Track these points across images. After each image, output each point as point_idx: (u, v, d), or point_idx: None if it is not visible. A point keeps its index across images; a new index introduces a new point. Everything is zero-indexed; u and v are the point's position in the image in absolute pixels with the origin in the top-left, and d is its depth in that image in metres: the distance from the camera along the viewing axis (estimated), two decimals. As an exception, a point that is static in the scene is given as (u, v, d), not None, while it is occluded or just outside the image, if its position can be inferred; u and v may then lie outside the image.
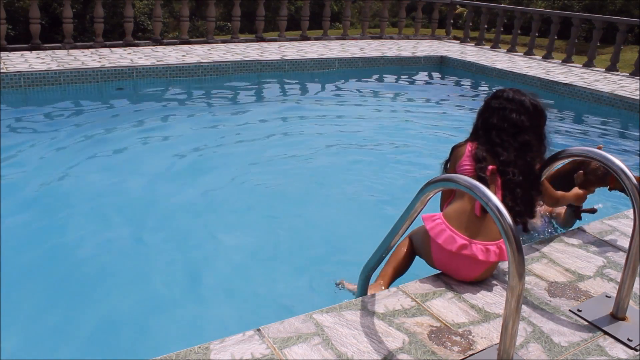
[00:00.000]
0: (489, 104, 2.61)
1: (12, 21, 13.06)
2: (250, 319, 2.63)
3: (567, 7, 17.33)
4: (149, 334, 2.66)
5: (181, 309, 2.85)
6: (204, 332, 2.55)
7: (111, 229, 3.61)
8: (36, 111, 6.03)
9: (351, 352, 1.94)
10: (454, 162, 2.57)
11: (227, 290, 3.04)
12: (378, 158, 5.18)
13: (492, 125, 2.53)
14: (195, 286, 3.06)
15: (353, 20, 19.65)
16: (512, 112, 2.52)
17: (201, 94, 7.29)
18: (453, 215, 2.43)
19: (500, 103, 2.56)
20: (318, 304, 2.30)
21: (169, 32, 18.27)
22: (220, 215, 3.91)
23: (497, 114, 2.54)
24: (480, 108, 2.67)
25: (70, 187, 4.21)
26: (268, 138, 5.64)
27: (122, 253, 3.35)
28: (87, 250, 3.35)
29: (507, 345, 1.82)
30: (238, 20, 9.88)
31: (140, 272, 3.15)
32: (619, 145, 6.02)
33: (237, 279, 3.14)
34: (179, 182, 4.37)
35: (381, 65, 9.25)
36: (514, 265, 1.71)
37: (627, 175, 2.13)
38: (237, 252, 3.43)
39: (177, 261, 3.28)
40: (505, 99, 2.56)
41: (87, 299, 2.88)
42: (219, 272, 3.20)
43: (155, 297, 2.94)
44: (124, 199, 4.04)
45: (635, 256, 2.14)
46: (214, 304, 2.91)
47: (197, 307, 2.87)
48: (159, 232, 3.62)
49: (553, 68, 9.21)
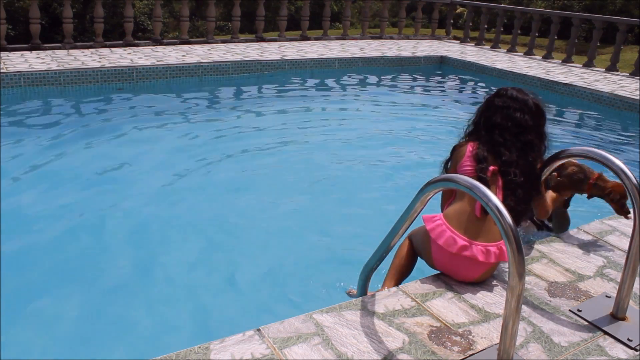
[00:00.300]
0: (491, 102, 2.58)
1: (12, 21, 13.05)
2: (250, 319, 2.63)
3: (567, 7, 17.33)
4: (149, 333, 2.66)
5: (181, 309, 2.85)
6: (204, 332, 2.55)
7: (111, 230, 3.61)
8: (36, 111, 6.04)
9: (351, 352, 1.94)
10: (454, 163, 2.55)
11: (227, 290, 3.04)
12: (378, 158, 5.18)
13: (495, 124, 2.51)
14: (195, 286, 3.05)
15: (353, 20, 19.64)
16: (516, 111, 2.49)
17: (201, 93, 7.29)
18: (453, 216, 2.42)
19: (504, 102, 2.53)
20: (318, 304, 2.30)
21: (169, 32, 18.27)
22: (220, 215, 3.91)
23: (501, 112, 2.51)
24: (481, 106, 2.64)
25: (70, 187, 4.21)
26: (268, 138, 5.64)
27: (122, 253, 3.35)
28: (87, 251, 3.35)
29: (507, 345, 1.82)
30: (238, 20, 9.88)
31: (140, 272, 3.16)
32: (619, 145, 6.02)
33: (237, 279, 3.14)
34: (178, 182, 4.37)
35: (381, 65, 9.25)
36: (514, 265, 1.71)
37: (627, 176, 2.13)
38: (237, 252, 3.43)
39: (177, 261, 3.28)
40: (509, 97, 2.54)
41: (87, 298, 2.88)
42: (219, 272, 3.20)
43: (155, 297, 2.93)
44: (123, 198, 4.04)
45: (635, 256, 2.14)
46: (214, 304, 2.91)
47: (197, 307, 2.87)
48: (159, 231, 3.62)
49: (553, 68, 9.21)
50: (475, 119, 2.63)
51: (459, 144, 2.58)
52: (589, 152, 2.39)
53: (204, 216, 3.86)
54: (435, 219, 2.45)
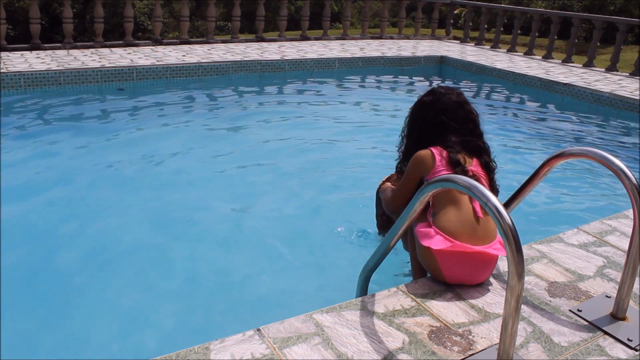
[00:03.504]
0: (442, 103, 2.63)
1: (12, 21, 13.05)
2: (250, 319, 2.63)
3: (567, 7, 17.33)
4: (149, 333, 2.66)
5: (181, 309, 2.85)
6: (204, 332, 2.54)
7: (110, 229, 3.61)
8: (35, 111, 6.04)
9: (351, 352, 1.94)
10: (419, 173, 2.52)
11: (227, 290, 3.04)
12: (378, 158, 5.18)
13: (444, 122, 2.57)
14: (195, 286, 3.06)
15: (353, 20, 19.64)
16: (465, 105, 2.63)
17: (201, 94, 7.29)
18: (452, 228, 2.35)
19: (457, 99, 2.64)
20: (318, 304, 2.30)
21: (169, 32, 18.27)
22: (220, 214, 3.91)
23: (456, 110, 2.60)
24: (413, 115, 2.74)
25: (69, 187, 4.21)
26: (268, 138, 5.64)
27: (122, 253, 3.35)
28: (88, 250, 3.35)
29: (507, 345, 1.82)
30: (238, 20, 9.88)
31: (139, 272, 3.16)
32: (618, 145, 6.02)
33: (237, 279, 3.14)
34: (178, 183, 4.38)
35: (381, 65, 9.25)
36: (513, 265, 1.71)
37: (627, 176, 2.13)
38: (237, 252, 3.43)
39: (177, 261, 3.28)
40: (450, 95, 2.65)
41: (87, 298, 2.88)
42: (219, 272, 3.20)
43: (155, 297, 2.93)
44: (122, 198, 4.04)
45: (635, 256, 2.14)
46: (214, 304, 2.91)
47: (198, 307, 2.87)
48: (158, 231, 3.62)
49: (553, 68, 9.21)
50: (415, 128, 2.70)
51: (420, 155, 2.53)
52: (589, 152, 2.38)
53: (204, 216, 3.86)
54: (431, 234, 2.37)
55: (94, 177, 4.39)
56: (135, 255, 3.33)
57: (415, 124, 2.72)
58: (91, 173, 4.46)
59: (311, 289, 3.04)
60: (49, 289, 2.96)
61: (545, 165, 2.57)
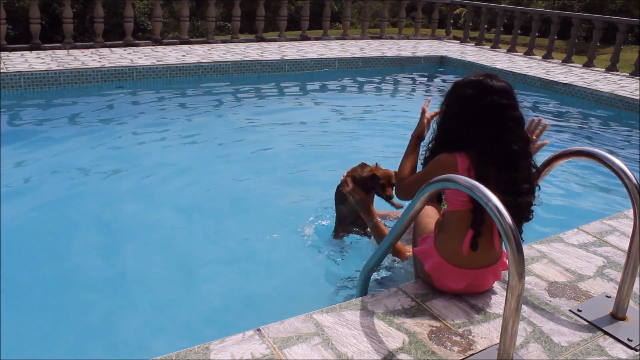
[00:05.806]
0: (472, 98, 2.20)
1: (12, 21, 13.05)
2: (250, 319, 2.63)
3: (567, 7, 17.34)
4: (149, 333, 2.66)
5: (181, 309, 2.85)
6: (204, 332, 2.54)
7: (109, 229, 3.61)
8: (35, 111, 6.04)
9: (351, 352, 1.94)
10: (438, 173, 2.05)
11: (227, 290, 3.04)
12: (378, 158, 5.17)
13: (490, 130, 2.16)
14: (195, 286, 3.06)
15: (353, 20, 19.64)
16: (509, 109, 2.16)
17: (201, 93, 7.29)
18: (454, 255, 2.23)
19: (493, 98, 2.16)
20: (318, 304, 2.30)
21: (169, 32, 18.26)
22: (220, 214, 3.91)
23: (495, 113, 2.16)
24: (453, 104, 2.28)
25: (69, 188, 4.21)
26: (268, 138, 5.64)
27: (121, 252, 3.35)
28: (87, 250, 3.35)
29: (507, 345, 1.82)
30: (238, 20, 9.88)
31: (140, 272, 3.15)
32: (619, 145, 6.02)
33: (237, 279, 3.14)
34: (178, 182, 4.37)
35: (381, 65, 9.25)
36: (514, 265, 1.71)
37: (627, 175, 2.13)
38: (237, 252, 3.43)
39: (177, 261, 3.28)
40: (496, 91, 2.17)
41: (86, 298, 2.88)
42: (219, 272, 3.20)
43: (155, 297, 2.93)
44: (121, 198, 4.04)
45: (635, 256, 2.14)
46: (214, 304, 2.91)
47: (197, 307, 2.87)
48: (158, 231, 3.62)
49: (553, 68, 9.21)
50: (454, 125, 2.26)
51: (443, 157, 2.24)
52: (589, 152, 2.39)
53: (203, 216, 3.86)
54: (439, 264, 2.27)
55: (94, 177, 4.39)
56: (135, 255, 3.33)
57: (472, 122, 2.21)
58: (91, 173, 4.46)
59: (311, 289, 3.04)
60: (49, 289, 2.96)
61: (545, 165, 2.58)
